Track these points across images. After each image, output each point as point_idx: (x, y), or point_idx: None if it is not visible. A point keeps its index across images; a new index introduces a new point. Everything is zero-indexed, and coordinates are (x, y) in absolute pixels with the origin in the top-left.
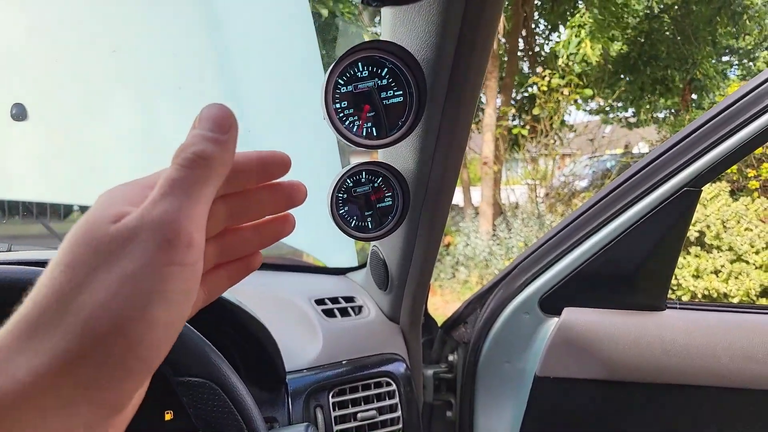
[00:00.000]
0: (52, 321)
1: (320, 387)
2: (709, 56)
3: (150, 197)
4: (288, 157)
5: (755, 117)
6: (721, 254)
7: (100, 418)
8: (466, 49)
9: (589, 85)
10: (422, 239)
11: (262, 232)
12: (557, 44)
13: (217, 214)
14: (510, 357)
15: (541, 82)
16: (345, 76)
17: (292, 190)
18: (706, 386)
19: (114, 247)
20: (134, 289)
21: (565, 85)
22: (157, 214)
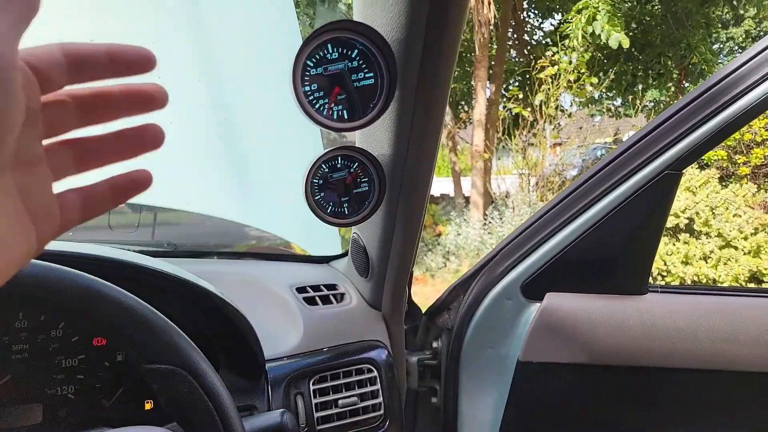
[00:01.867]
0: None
1: (300, 374)
2: (703, 39)
3: None
4: (149, 53)
5: (736, 98)
6: (710, 240)
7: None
8: (437, 29)
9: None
10: (401, 224)
11: (121, 138)
12: (565, 26)
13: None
14: (493, 342)
15: (550, 69)
16: (314, 58)
17: (147, 91)
18: (687, 369)
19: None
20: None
21: (572, 72)
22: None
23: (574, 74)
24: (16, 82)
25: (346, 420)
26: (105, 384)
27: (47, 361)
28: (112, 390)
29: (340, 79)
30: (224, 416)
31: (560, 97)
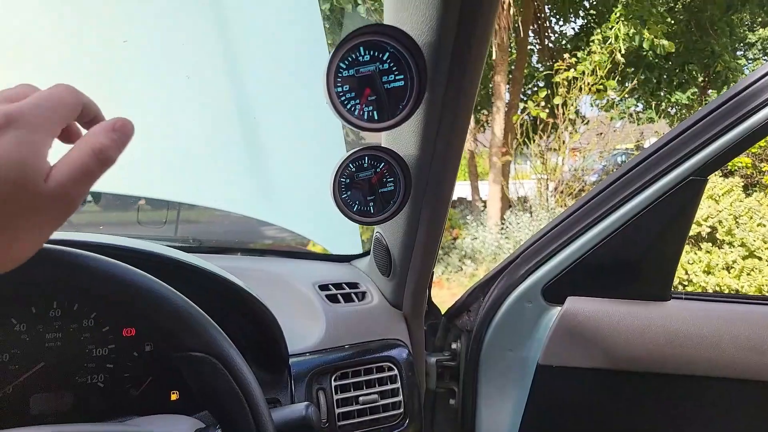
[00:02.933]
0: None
1: (323, 370)
2: (727, 46)
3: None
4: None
5: (762, 106)
6: (733, 250)
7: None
8: (467, 33)
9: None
10: (424, 225)
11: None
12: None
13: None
14: (513, 345)
15: (567, 72)
16: (347, 60)
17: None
18: (710, 377)
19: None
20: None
21: (590, 74)
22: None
23: (594, 77)
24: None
25: (366, 417)
26: (133, 374)
27: (79, 350)
28: (140, 380)
29: (371, 81)
30: (253, 405)
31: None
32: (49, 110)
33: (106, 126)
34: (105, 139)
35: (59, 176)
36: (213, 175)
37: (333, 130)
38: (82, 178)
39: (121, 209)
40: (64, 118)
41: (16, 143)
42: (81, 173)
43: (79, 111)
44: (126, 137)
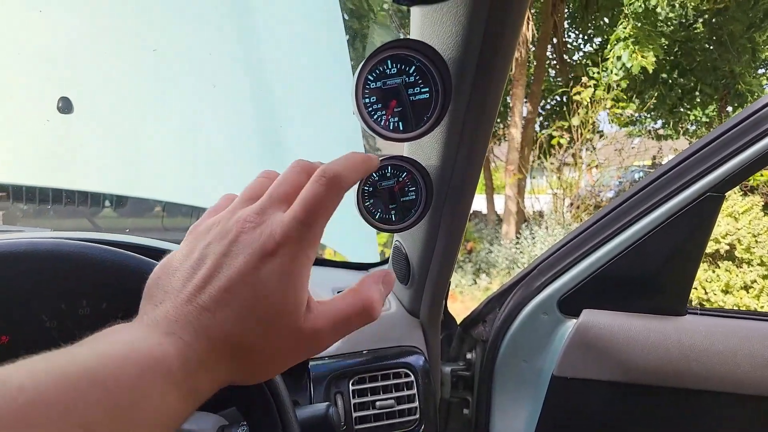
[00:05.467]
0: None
1: (341, 374)
2: (749, 66)
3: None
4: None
5: None
6: (752, 269)
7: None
8: (492, 49)
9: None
10: (444, 233)
11: None
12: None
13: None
14: (528, 356)
15: (585, 92)
16: (375, 72)
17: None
18: (725, 392)
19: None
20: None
21: (609, 97)
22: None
23: (611, 101)
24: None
25: (382, 422)
26: None
27: None
28: None
29: (397, 93)
30: (280, 403)
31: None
32: (307, 225)
33: (375, 278)
34: (375, 294)
35: (320, 322)
36: (237, 181)
37: (353, 139)
38: (342, 329)
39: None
40: (324, 226)
41: (280, 271)
42: (342, 325)
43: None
44: (389, 291)
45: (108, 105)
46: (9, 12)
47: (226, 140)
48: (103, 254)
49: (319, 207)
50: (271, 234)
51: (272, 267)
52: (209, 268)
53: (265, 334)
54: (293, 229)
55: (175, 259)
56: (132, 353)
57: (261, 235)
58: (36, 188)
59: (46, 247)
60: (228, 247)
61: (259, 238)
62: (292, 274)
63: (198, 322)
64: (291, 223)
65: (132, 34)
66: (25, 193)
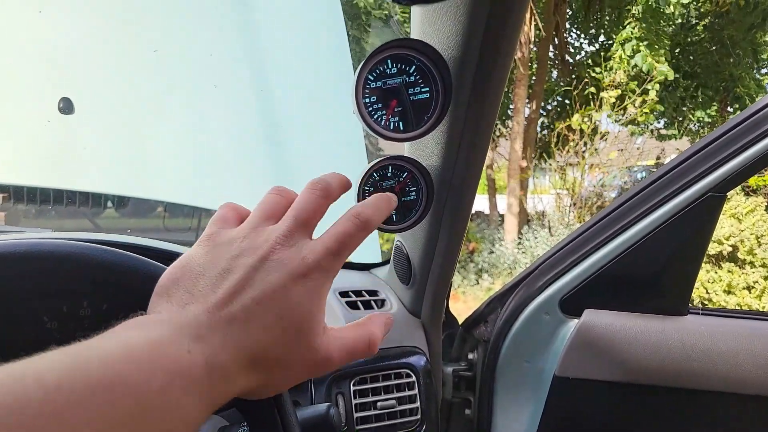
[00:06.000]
0: (262, 369)
1: (342, 375)
2: (750, 68)
3: (322, 263)
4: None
5: None
6: (755, 270)
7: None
8: (492, 49)
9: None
10: (445, 234)
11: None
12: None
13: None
14: (529, 356)
15: (613, 92)
16: (375, 72)
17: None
18: (727, 392)
19: (302, 302)
20: (301, 378)
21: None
22: (339, 362)
23: (641, 99)
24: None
25: (383, 422)
26: None
27: None
28: None
29: (397, 93)
30: (280, 403)
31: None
32: (337, 256)
33: (380, 318)
34: (379, 332)
35: (333, 348)
36: (237, 182)
37: (355, 139)
38: (348, 358)
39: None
40: (345, 259)
41: (309, 295)
42: (349, 354)
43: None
44: (388, 331)
45: (109, 106)
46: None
47: (227, 140)
48: (104, 255)
49: (349, 243)
50: (303, 258)
51: (302, 289)
52: (240, 279)
53: (287, 350)
54: (324, 258)
55: (196, 263)
56: (161, 358)
57: (293, 257)
58: (37, 189)
59: (47, 247)
60: (259, 263)
61: (291, 259)
62: (319, 298)
63: (227, 330)
64: (323, 252)
65: (133, 34)
66: (26, 193)
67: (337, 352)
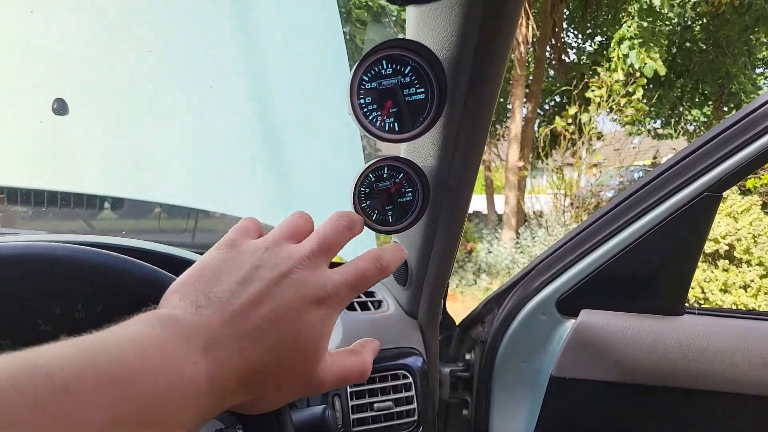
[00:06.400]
0: (259, 385)
1: None
2: (745, 68)
3: (340, 294)
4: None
5: None
6: (751, 269)
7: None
8: (487, 48)
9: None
10: (442, 234)
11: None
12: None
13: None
14: (526, 357)
15: (598, 90)
16: (370, 73)
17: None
18: (723, 392)
19: (314, 328)
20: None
21: (624, 95)
22: (340, 309)
23: (624, 98)
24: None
25: (380, 424)
26: None
27: None
28: None
29: (392, 94)
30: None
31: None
32: (354, 291)
33: (371, 344)
34: (370, 359)
35: (328, 374)
36: (233, 183)
37: (352, 141)
38: (340, 384)
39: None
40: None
41: (321, 321)
42: (341, 381)
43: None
44: (375, 355)
45: (104, 106)
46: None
47: (224, 141)
48: (97, 257)
49: (367, 281)
50: (323, 285)
51: (317, 315)
52: (258, 292)
53: (287, 372)
54: (343, 289)
55: (215, 266)
56: (167, 365)
57: (313, 281)
58: (32, 191)
59: (40, 250)
60: (279, 279)
61: (310, 283)
62: (329, 327)
63: (236, 344)
64: (342, 283)
65: (128, 34)
66: (20, 195)
67: (331, 377)
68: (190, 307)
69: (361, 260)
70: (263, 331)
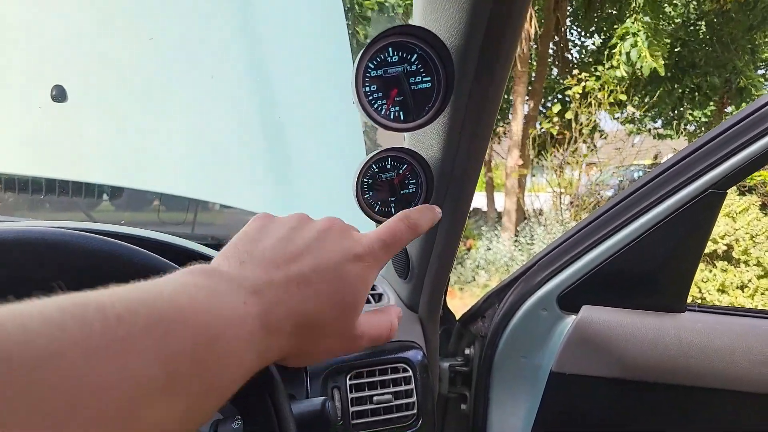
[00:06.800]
0: (307, 337)
1: (338, 369)
2: (749, 64)
3: (375, 249)
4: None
5: None
6: (749, 269)
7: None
8: (495, 38)
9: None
10: (444, 228)
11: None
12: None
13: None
14: (526, 352)
15: (576, 87)
16: (375, 60)
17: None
18: (723, 389)
19: (354, 280)
20: (359, 303)
21: (600, 89)
22: (378, 266)
23: (611, 95)
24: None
25: (379, 416)
26: None
27: None
28: None
29: (398, 82)
30: (275, 397)
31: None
32: (387, 248)
33: (396, 310)
34: (396, 319)
35: (365, 330)
36: (234, 174)
37: (354, 132)
38: (374, 341)
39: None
40: (392, 255)
41: (360, 275)
42: (376, 338)
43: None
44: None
45: (104, 94)
46: None
47: (225, 132)
48: (91, 242)
49: (399, 239)
50: (358, 240)
51: (356, 269)
52: (300, 247)
53: (331, 322)
54: (377, 245)
55: (254, 232)
56: (219, 305)
57: (349, 237)
58: (29, 178)
59: (34, 235)
60: (320, 234)
61: (348, 239)
62: (367, 280)
63: (283, 289)
64: (376, 241)
65: (129, 22)
66: (17, 183)
67: (368, 334)
68: (234, 263)
69: (390, 221)
70: (308, 280)
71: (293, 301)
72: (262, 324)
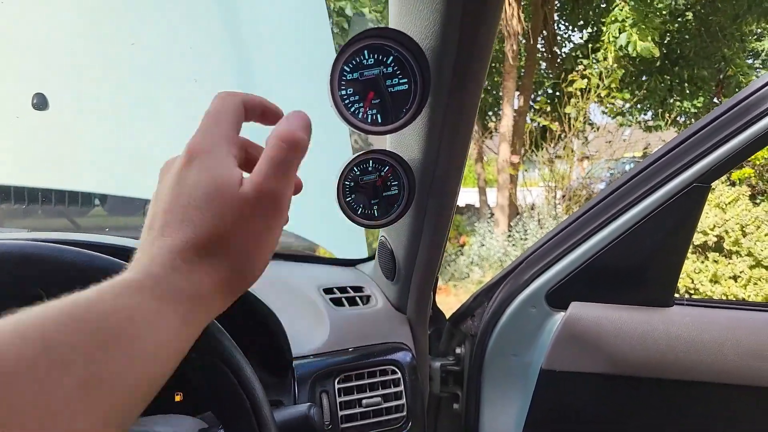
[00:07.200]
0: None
1: (326, 373)
2: (738, 52)
3: (260, 171)
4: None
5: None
6: (740, 260)
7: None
8: (470, 37)
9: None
10: (429, 228)
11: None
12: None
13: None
14: (516, 350)
15: (578, 82)
16: (351, 63)
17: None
18: (712, 383)
19: (244, 209)
20: (261, 242)
21: (604, 87)
22: (270, 190)
23: (606, 90)
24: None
25: (369, 420)
26: None
27: None
28: None
29: (374, 84)
30: (256, 406)
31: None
32: (215, 129)
33: (287, 116)
34: (287, 125)
35: (255, 177)
36: None
37: (340, 134)
38: (276, 169)
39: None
40: (232, 126)
41: (200, 169)
42: (274, 166)
43: (242, 113)
44: (306, 120)
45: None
46: None
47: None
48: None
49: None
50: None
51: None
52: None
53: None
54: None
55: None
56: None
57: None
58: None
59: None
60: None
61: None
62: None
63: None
64: (197, 135)
65: (109, 27)
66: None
67: (261, 176)
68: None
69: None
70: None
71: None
72: (171, 262)
